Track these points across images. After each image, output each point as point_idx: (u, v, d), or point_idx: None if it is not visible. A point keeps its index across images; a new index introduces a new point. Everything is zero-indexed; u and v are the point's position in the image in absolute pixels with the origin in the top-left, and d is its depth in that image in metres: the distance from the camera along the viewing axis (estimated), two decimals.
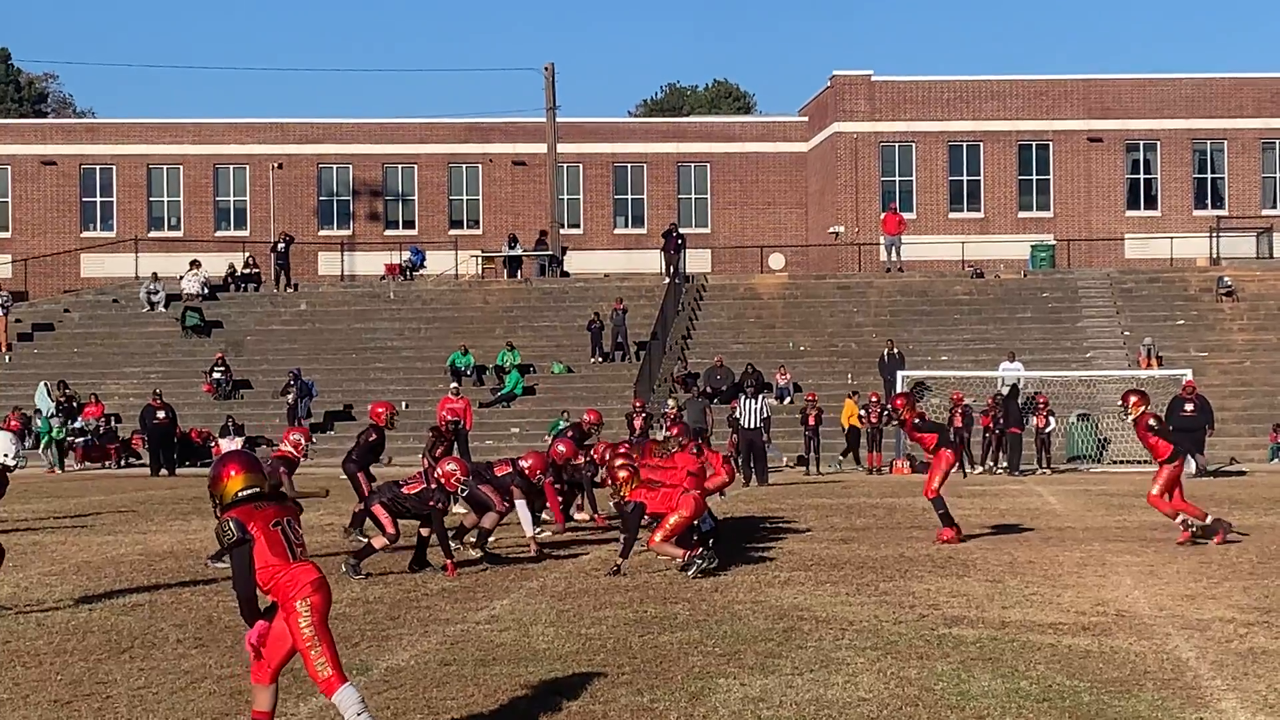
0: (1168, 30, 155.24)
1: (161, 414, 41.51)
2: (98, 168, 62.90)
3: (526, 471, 18.96)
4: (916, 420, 20.69)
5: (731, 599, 14.50)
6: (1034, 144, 59.80)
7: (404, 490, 17.27)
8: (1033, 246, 55.95)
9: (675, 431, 20.76)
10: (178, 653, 11.88)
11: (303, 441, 19.55)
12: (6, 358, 50.54)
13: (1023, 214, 59.62)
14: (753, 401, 37.05)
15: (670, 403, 40.58)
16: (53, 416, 44.54)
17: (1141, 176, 60.06)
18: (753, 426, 36.12)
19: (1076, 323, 50.18)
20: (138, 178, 62.76)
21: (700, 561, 16.29)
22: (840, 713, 9.62)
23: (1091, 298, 51.49)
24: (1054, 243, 56.87)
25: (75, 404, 45.34)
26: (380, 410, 22.62)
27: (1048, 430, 39.63)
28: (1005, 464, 39.19)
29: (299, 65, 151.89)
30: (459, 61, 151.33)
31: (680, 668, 11.08)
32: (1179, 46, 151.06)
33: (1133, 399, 19.92)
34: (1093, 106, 59.62)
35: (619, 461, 17.68)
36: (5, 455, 15.71)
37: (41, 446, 43.16)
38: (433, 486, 17.28)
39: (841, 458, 40.82)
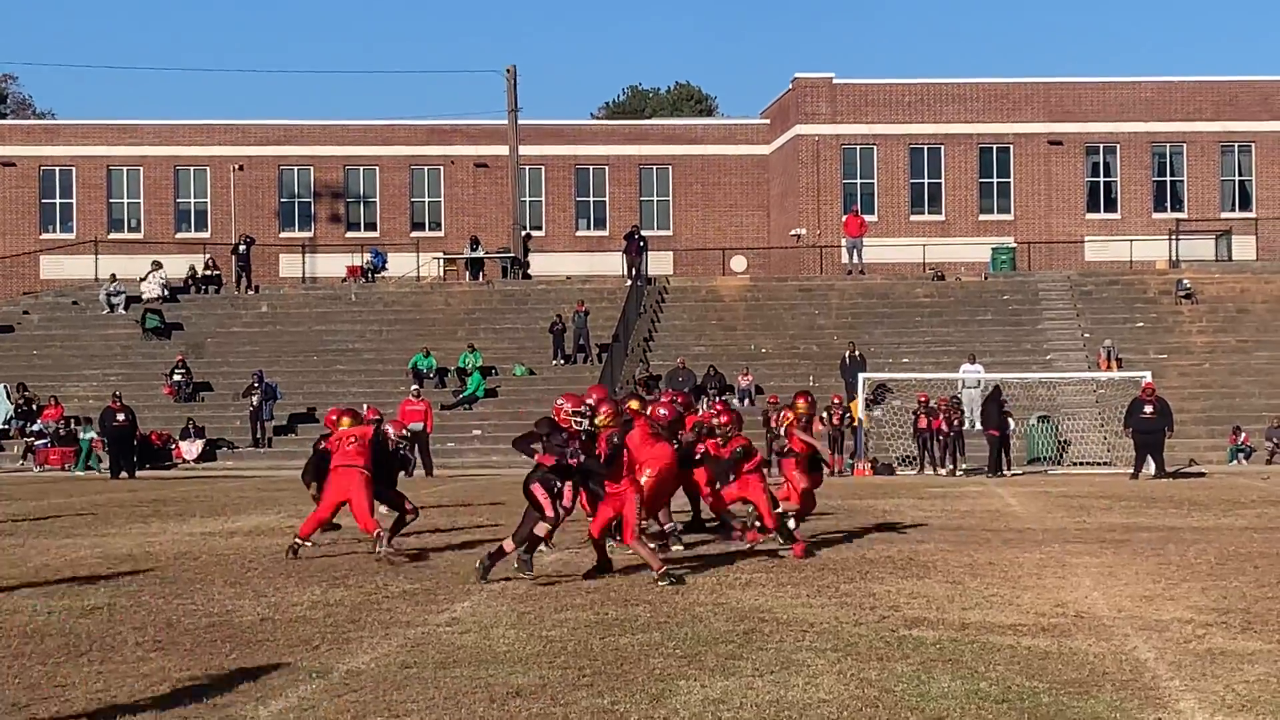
0: (1127, 34, 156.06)
1: (121, 416, 41.29)
2: (57, 169, 62.61)
3: None
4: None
5: (692, 601, 14.50)
6: (994, 147, 60.05)
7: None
8: (993, 249, 56.18)
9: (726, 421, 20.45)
10: (137, 656, 11.82)
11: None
12: None
13: (983, 217, 59.86)
14: None
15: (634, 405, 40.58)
16: (10, 418, 44.43)
17: (1101, 179, 60.39)
18: None
19: (1037, 325, 50.40)
20: (97, 179, 62.49)
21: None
22: (800, 714, 9.63)
23: (1052, 300, 51.72)
24: (1014, 245, 57.10)
25: (34, 406, 45.11)
26: (331, 418, 20.24)
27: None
28: (964, 466, 39.44)
29: (259, 67, 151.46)
30: (420, 63, 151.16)
31: (641, 670, 11.08)
32: (1139, 50, 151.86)
33: (801, 401, 20.42)
34: (1053, 109, 59.91)
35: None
36: None
37: None
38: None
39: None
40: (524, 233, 58.17)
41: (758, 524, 19.03)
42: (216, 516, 25.19)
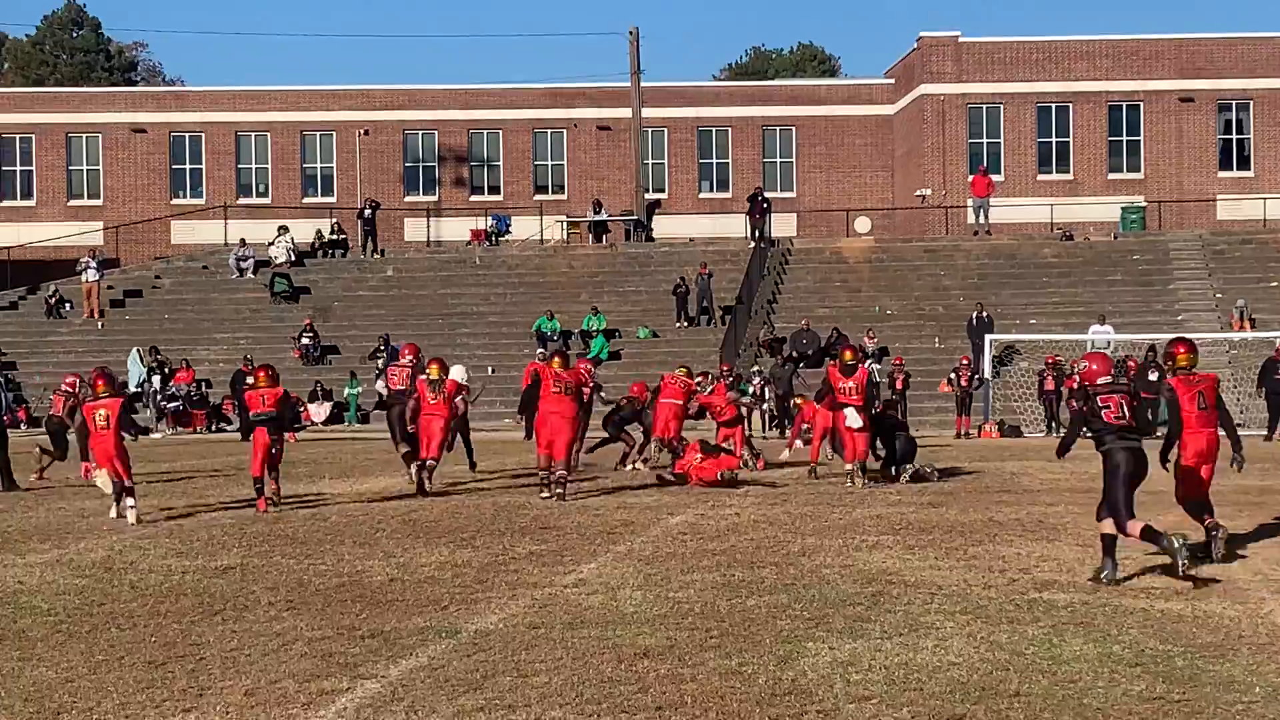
0: None
1: (251, 379, 41.80)
2: (187, 135, 63.41)
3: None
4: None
5: (819, 563, 14.46)
6: (1124, 104, 59.07)
7: None
8: (1123, 208, 55.34)
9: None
10: (269, 615, 11.98)
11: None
12: (99, 324, 51.20)
13: (1113, 175, 58.95)
14: None
15: (755, 369, 40.68)
16: (144, 382, 45.22)
17: (1234, 137, 59.24)
18: None
19: (1168, 285, 49.61)
20: (226, 145, 63.23)
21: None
22: (930, 676, 9.57)
23: (1183, 260, 50.89)
24: (1144, 204, 56.22)
25: (167, 369, 45.84)
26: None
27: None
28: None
29: (385, 32, 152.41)
30: (544, 26, 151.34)
31: (768, 631, 11.06)
32: (1273, 3, 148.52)
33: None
34: (1184, 66, 58.80)
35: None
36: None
37: None
38: None
39: None
40: (651, 199, 58.20)
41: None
42: (345, 478, 25.49)
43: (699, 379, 25.28)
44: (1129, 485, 13.41)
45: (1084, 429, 13.80)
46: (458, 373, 23.50)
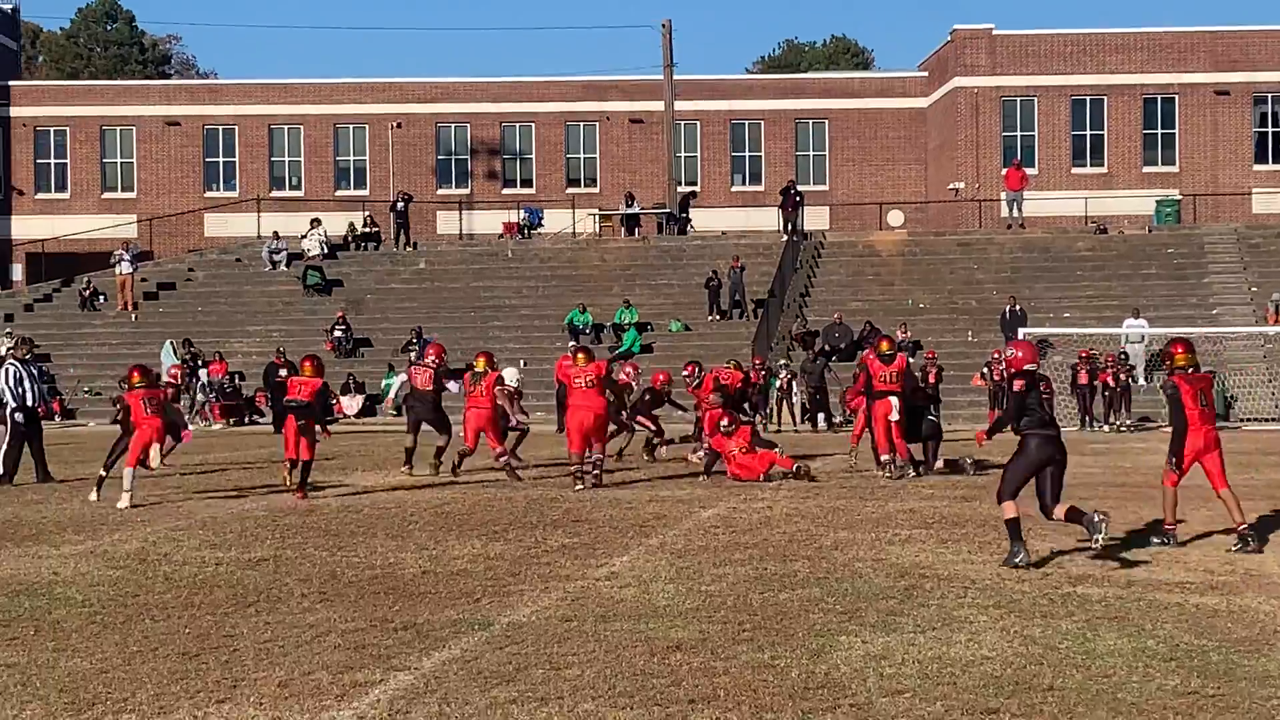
0: None
1: (284, 372, 41.88)
2: (220, 128, 63.64)
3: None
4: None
5: (852, 557, 14.43)
6: (1159, 97, 58.84)
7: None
8: (1158, 202, 55.11)
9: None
10: (302, 607, 12.01)
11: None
12: (133, 316, 51.40)
13: (1147, 169, 58.74)
14: None
15: (783, 363, 40.64)
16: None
17: (1270, 130, 58.96)
18: None
19: (1202, 279, 49.37)
20: (259, 138, 63.43)
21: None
22: (963, 671, 9.54)
23: (1218, 253, 50.63)
24: (1179, 198, 55.97)
25: (200, 361, 45.93)
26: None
27: None
28: (1129, 421, 38.85)
29: (417, 24, 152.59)
30: (577, 19, 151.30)
31: (801, 625, 11.04)
32: None
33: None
34: (1219, 58, 58.53)
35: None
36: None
37: None
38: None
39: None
40: (686, 191, 58.17)
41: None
42: (377, 470, 25.52)
43: (686, 372, 25.09)
44: (1032, 471, 13.96)
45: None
46: (509, 374, 24.22)
